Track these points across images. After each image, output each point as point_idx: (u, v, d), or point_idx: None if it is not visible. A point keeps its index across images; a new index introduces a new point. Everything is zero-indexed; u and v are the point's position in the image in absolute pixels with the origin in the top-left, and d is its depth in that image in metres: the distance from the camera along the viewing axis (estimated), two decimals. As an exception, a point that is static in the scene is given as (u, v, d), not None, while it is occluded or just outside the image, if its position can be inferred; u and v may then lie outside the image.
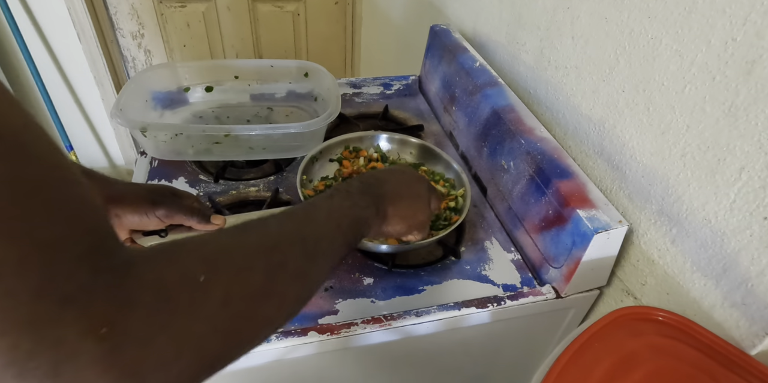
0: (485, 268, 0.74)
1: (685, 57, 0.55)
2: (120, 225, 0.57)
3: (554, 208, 0.67)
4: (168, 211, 0.58)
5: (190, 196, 0.64)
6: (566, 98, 0.77)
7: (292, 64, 1.02)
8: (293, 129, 0.83)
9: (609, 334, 0.53)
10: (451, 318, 0.66)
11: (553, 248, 0.68)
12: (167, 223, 0.60)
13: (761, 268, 0.50)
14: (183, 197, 0.62)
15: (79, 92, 1.93)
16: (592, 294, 0.71)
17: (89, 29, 1.76)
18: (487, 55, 1.00)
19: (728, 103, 0.51)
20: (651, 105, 0.61)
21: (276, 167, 0.91)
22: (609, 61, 0.67)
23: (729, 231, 0.53)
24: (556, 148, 0.73)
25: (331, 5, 2.08)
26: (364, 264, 0.73)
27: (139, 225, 0.58)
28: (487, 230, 0.81)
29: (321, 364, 0.68)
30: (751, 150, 0.49)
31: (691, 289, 0.59)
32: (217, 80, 1.01)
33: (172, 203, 0.59)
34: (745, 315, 0.52)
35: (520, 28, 0.88)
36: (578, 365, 0.49)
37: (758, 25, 0.47)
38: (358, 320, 0.64)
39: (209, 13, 1.98)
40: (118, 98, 0.84)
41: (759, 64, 0.47)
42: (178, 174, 0.88)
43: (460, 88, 0.94)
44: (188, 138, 0.86)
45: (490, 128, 0.83)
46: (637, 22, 0.61)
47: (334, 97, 0.89)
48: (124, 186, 0.58)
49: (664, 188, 0.61)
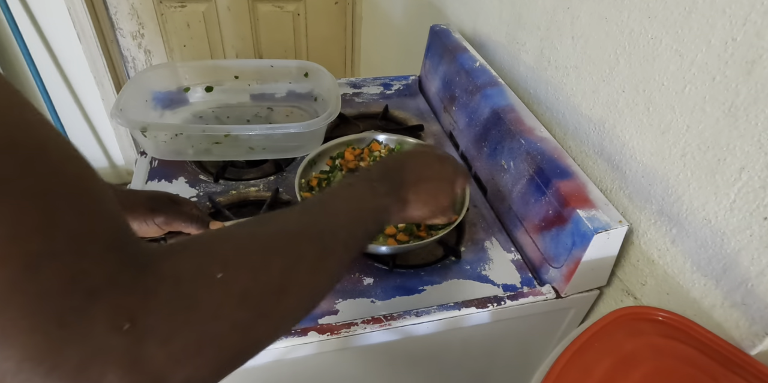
0: (485, 268, 0.74)
1: (685, 57, 0.55)
2: None
3: (554, 208, 0.67)
4: (167, 218, 0.58)
5: (189, 202, 0.64)
6: (566, 98, 0.77)
7: (292, 64, 1.02)
8: (293, 129, 0.83)
9: (609, 334, 0.53)
10: (451, 318, 0.66)
11: (553, 248, 0.68)
12: (166, 230, 0.60)
13: (761, 268, 0.50)
14: (182, 203, 0.62)
15: (79, 92, 1.93)
16: (592, 294, 0.71)
17: (89, 29, 1.76)
18: (487, 55, 1.00)
19: (728, 103, 0.51)
20: (651, 105, 0.61)
21: (276, 167, 0.91)
22: (609, 61, 0.67)
23: (729, 231, 0.53)
24: (556, 148, 0.73)
25: (331, 5, 2.08)
26: (364, 264, 0.73)
27: (138, 232, 0.58)
28: (487, 230, 0.81)
29: (321, 364, 0.68)
30: (751, 150, 0.49)
31: (691, 289, 0.59)
32: (217, 80, 1.01)
33: (170, 209, 0.59)
34: (745, 315, 0.52)
35: (520, 28, 0.88)
36: (578, 365, 0.49)
37: (758, 25, 0.47)
38: (358, 320, 0.64)
39: (209, 13, 1.98)
40: (118, 98, 0.84)
41: (759, 64, 0.47)
42: (178, 174, 0.88)
43: (460, 88, 0.94)
44: (188, 138, 0.86)
45: (490, 128, 0.83)
46: (637, 22, 0.61)
47: (334, 97, 0.89)
48: (123, 193, 0.58)
49: (664, 188, 0.61)
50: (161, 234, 0.60)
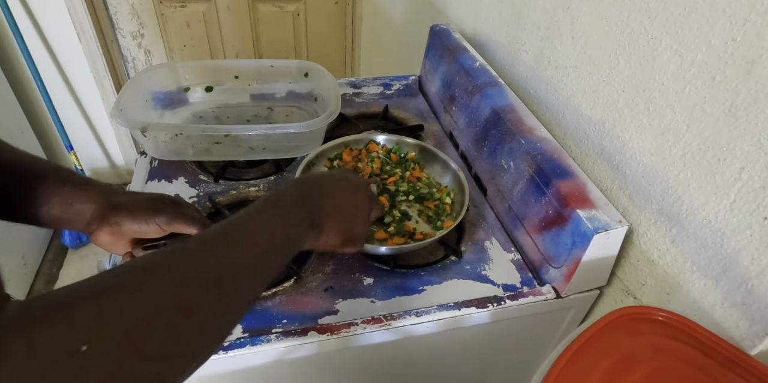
0: (485, 268, 0.74)
1: (685, 57, 0.55)
2: (120, 234, 0.56)
3: (554, 208, 0.67)
4: (169, 218, 0.57)
5: (190, 205, 0.63)
6: (566, 98, 0.77)
7: (292, 64, 1.02)
8: (293, 129, 0.83)
9: (609, 334, 0.53)
10: (451, 318, 0.66)
11: (553, 248, 0.68)
12: (167, 231, 0.59)
13: (761, 268, 0.50)
14: (183, 205, 0.61)
15: (79, 92, 1.93)
16: (592, 294, 0.71)
17: (89, 29, 1.76)
18: (487, 55, 1.00)
19: (728, 103, 0.51)
20: (651, 105, 0.61)
21: (276, 167, 0.91)
22: (609, 61, 0.67)
23: (729, 231, 0.53)
24: (556, 148, 0.73)
25: (331, 5, 2.08)
26: (364, 264, 0.73)
27: (139, 233, 0.57)
28: (487, 230, 0.81)
29: (321, 364, 0.68)
30: (751, 150, 0.49)
31: (691, 289, 0.59)
32: (217, 80, 1.01)
33: (172, 210, 0.58)
34: (745, 315, 0.52)
35: (520, 28, 0.88)
36: (578, 365, 0.49)
37: (758, 25, 0.47)
38: (358, 320, 0.64)
39: (209, 13, 1.98)
40: (118, 98, 0.84)
41: (759, 64, 0.47)
42: (178, 174, 0.88)
43: (460, 88, 0.94)
44: (188, 138, 0.86)
45: (490, 128, 0.83)
46: (637, 22, 0.61)
47: (334, 97, 0.89)
48: (125, 195, 0.57)
49: (664, 188, 0.61)
50: (162, 235, 0.60)
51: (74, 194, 0.53)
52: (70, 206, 0.53)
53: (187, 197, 0.83)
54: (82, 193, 0.54)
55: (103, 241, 0.56)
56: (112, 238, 0.56)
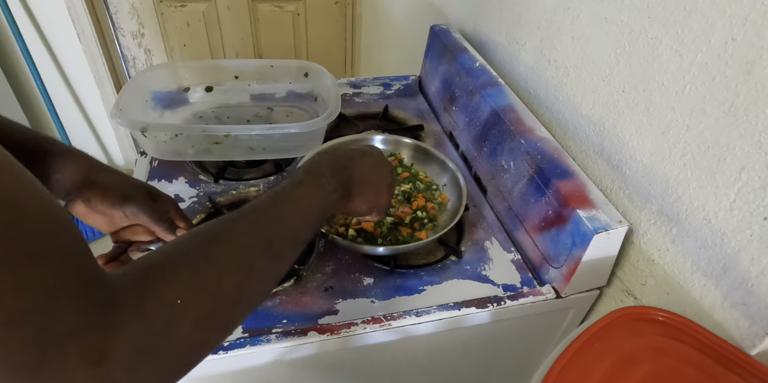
0: (485, 268, 0.74)
1: (685, 57, 0.55)
2: (89, 211, 0.56)
3: (554, 208, 0.67)
4: (136, 209, 0.57)
5: (169, 201, 0.62)
6: (566, 98, 0.77)
7: (292, 64, 1.02)
8: (293, 129, 0.83)
9: (609, 334, 0.53)
10: (451, 318, 0.66)
11: (553, 248, 0.68)
12: (132, 221, 0.59)
13: (761, 268, 0.50)
14: (159, 200, 0.60)
15: (79, 92, 1.93)
16: (592, 294, 0.71)
17: (89, 29, 1.76)
18: (487, 55, 1.00)
19: (728, 103, 0.51)
20: (651, 105, 0.61)
21: (276, 167, 0.91)
22: (609, 61, 0.67)
23: (729, 231, 0.53)
24: (556, 148, 0.73)
25: (331, 5, 2.08)
26: (363, 264, 0.73)
27: (105, 214, 0.57)
28: (487, 230, 0.81)
29: (321, 364, 0.68)
30: (751, 150, 0.49)
31: (691, 289, 0.59)
32: (217, 80, 1.01)
33: (143, 203, 0.57)
34: (745, 315, 0.52)
35: (520, 28, 0.88)
36: (578, 365, 0.49)
37: (758, 25, 0.47)
38: (358, 320, 0.64)
39: (209, 13, 1.99)
40: (118, 98, 0.84)
41: (759, 64, 0.47)
42: (178, 174, 0.88)
43: (460, 89, 0.94)
44: (188, 138, 0.86)
45: (490, 128, 0.83)
46: (637, 22, 0.61)
47: (334, 97, 0.89)
48: (107, 173, 0.57)
49: (664, 188, 0.61)
50: (126, 224, 0.59)
51: (56, 164, 0.54)
52: (49, 177, 0.54)
53: (187, 198, 0.83)
54: (64, 164, 0.55)
55: (78, 212, 0.57)
56: (86, 211, 0.57)
